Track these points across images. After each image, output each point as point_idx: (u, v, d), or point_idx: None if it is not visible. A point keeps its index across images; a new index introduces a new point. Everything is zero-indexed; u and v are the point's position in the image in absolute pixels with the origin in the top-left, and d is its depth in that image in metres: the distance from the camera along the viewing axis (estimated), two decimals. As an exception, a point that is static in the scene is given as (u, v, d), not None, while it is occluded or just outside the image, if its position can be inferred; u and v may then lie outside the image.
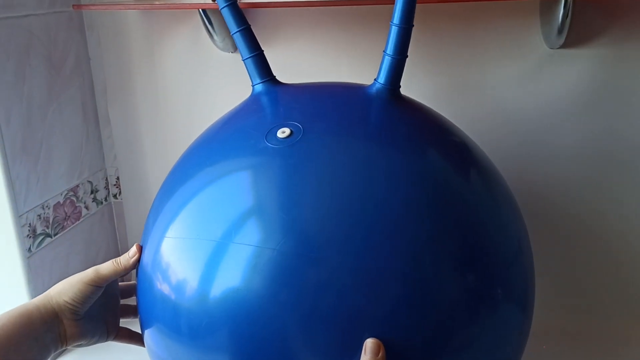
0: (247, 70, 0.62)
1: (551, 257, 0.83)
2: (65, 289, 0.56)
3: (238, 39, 0.61)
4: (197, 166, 0.56)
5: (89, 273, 0.57)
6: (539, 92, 0.78)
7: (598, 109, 0.77)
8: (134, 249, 0.57)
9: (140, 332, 0.61)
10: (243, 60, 0.62)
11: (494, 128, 0.80)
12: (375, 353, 0.45)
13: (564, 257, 0.84)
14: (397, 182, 0.49)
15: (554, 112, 0.78)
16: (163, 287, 0.52)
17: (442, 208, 0.50)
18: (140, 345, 0.62)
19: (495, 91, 0.80)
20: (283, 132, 0.52)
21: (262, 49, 0.62)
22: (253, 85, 0.62)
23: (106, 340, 0.61)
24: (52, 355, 0.57)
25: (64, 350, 0.63)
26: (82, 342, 0.59)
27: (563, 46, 0.75)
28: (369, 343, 0.46)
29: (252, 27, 0.62)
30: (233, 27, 0.61)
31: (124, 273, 0.58)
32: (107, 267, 0.57)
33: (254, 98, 0.62)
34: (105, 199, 0.97)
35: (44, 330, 0.55)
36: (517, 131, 0.80)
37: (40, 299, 0.57)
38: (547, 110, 0.78)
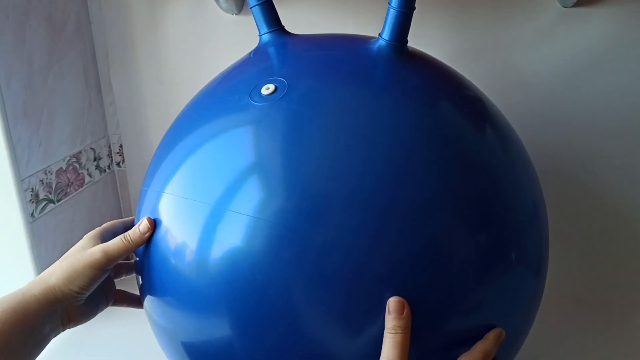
0: (255, 19, 0.59)
1: (563, 223, 0.81)
2: (71, 277, 0.50)
3: None
4: (192, 122, 0.54)
5: (96, 256, 0.51)
6: (552, 52, 0.76)
7: (613, 68, 0.75)
8: (145, 224, 0.51)
9: (136, 293, 0.59)
10: (251, 7, 0.59)
11: (506, 89, 0.78)
12: (400, 312, 0.43)
13: (576, 222, 0.83)
14: (402, 135, 0.47)
15: (567, 72, 0.76)
16: (162, 249, 0.50)
17: (453, 163, 0.47)
18: (138, 307, 0.60)
19: (507, 52, 0.78)
20: (267, 89, 0.50)
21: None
22: (260, 35, 0.60)
23: (104, 309, 0.58)
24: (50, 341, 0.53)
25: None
26: (83, 322, 0.55)
27: (577, 4, 0.73)
28: (392, 302, 0.43)
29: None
30: None
31: (134, 250, 0.53)
32: (116, 247, 0.51)
33: (259, 49, 0.59)
34: (109, 167, 0.96)
35: (42, 322, 0.50)
36: (530, 92, 0.78)
37: (39, 288, 0.50)
38: (561, 70, 0.77)
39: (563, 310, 0.81)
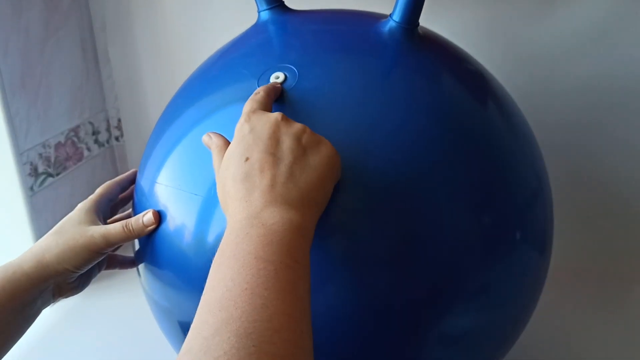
0: None
1: (566, 198, 0.81)
2: (67, 257, 0.49)
3: None
4: (194, 111, 0.51)
5: (96, 240, 0.49)
6: (554, 25, 0.76)
7: (615, 40, 0.75)
8: (150, 217, 0.49)
9: (126, 255, 0.59)
10: None
11: (508, 64, 0.78)
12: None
13: (579, 197, 0.83)
14: (407, 116, 0.46)
15: (569, 45, 0.76)
16: (161, 230, 0.49)
17: (458, 141, 0.46)
18: (131, 267, 0.59)
19: (509, 26, 0.77)
20: (277, 78, 0.48)
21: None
22: (259, 12, 0.57)
23: (97, 275, 0.57)
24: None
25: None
26: (76, 294, 0.54)
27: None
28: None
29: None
30: None
31: (135, 239, 0.52)
32: (117, 234, 0.50)
33: (259, 27, 0.57)
34: (107, 142, 0.95)
35: (32, 299, 0.49)
36: (532, 66, 0.78)
37: (31, 264, 0.49)
38: (563, 43, 0.76)
39: (564, 284, 0.81)
